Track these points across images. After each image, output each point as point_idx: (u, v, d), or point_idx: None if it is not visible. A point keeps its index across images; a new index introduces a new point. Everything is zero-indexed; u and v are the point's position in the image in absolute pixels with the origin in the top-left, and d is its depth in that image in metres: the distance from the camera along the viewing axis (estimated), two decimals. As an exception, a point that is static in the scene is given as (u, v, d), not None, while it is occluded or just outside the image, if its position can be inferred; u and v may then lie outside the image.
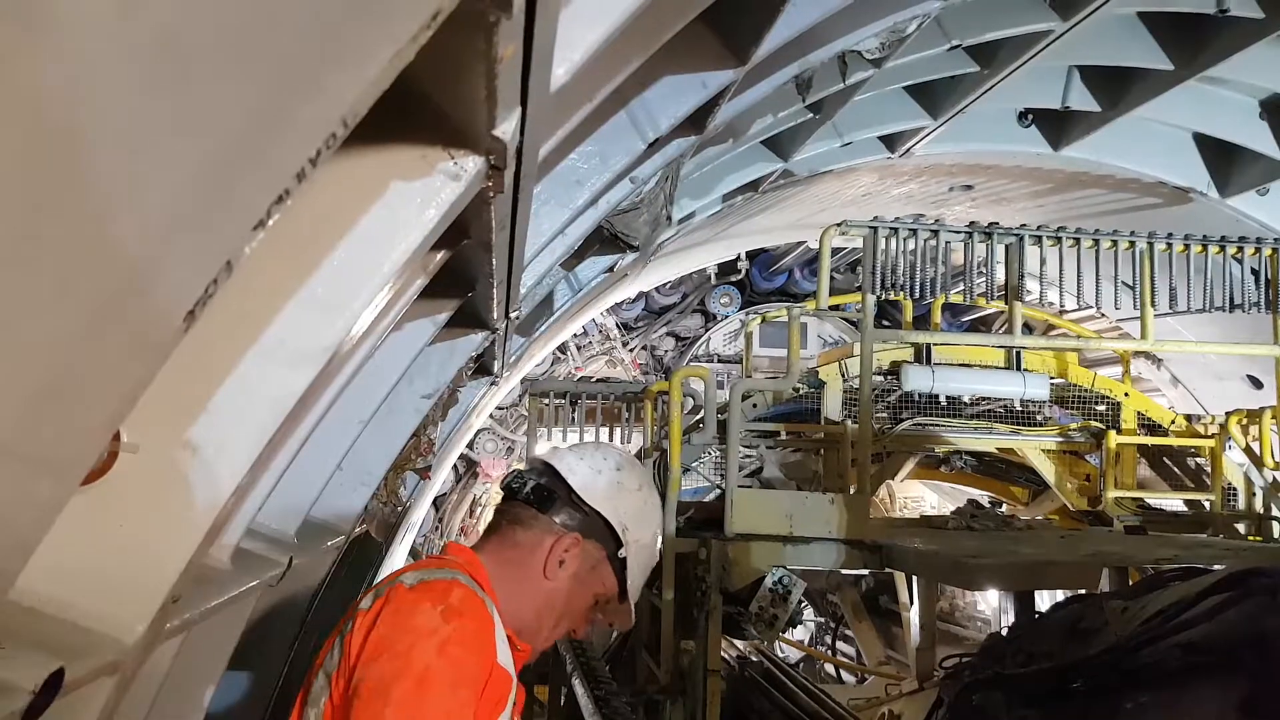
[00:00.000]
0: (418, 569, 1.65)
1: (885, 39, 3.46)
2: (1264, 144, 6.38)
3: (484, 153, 1.28)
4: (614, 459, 1.91)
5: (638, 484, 1.91)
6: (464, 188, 1.29)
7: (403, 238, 1.28)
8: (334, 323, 1.30)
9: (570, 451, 1.92)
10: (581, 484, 1.83)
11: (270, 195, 0.75)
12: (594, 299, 7.38)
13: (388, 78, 0.80)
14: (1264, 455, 5.89)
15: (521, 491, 1.83)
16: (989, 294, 5.61)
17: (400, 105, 1.27)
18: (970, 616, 10.47)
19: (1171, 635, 3.01)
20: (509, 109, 1.19)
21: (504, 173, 1.36)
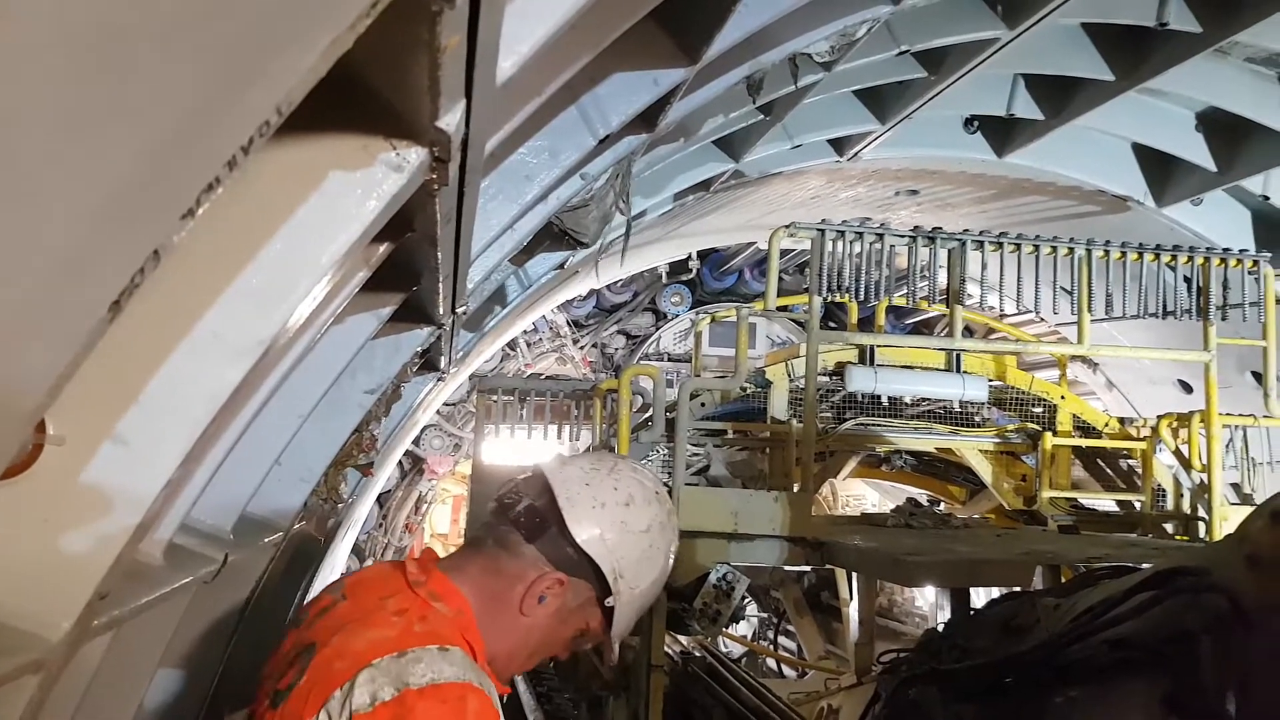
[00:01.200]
0: (412, 641, 1.49)
1: (836, 42, 3.50)
2: (1199, 156, 6.58)
3: (427, 144, 1.26)
4: (625, 489, 1.74)
5: (645, 524, 1.74)
6: (406, 179, 1.27)
7: (342, 229, 1.26)
8: (270, 315, 1.28)
9: (578, 468, 1.74)
10: (577, 519, 1.68)
11: (200, 183, 0.73)
12: (544, 295, 7.36)
13: (325, 65, 0.78)
14: (1192, 458, 6.09)
15: (513, 510, 1.72)
16: (931, 297, 5.71)
17: (342, 94, 1.25)
18: (908, 612, 10.66)
19: (1100, 632, 3.07)
20: (453, 101, 1.18)
21: (448, 165, 1.34)
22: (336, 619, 1.63)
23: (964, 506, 7.91)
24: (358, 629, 1.55)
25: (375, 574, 1.78)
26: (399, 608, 1.59)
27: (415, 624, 1.54)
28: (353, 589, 1.73)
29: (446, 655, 1.49)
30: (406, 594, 1.64)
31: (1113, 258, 5.66)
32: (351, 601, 1.68)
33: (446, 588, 1.66)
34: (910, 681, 3.94)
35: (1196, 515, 6.17)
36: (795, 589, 10.08)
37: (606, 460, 1.83)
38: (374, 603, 1.63)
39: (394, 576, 1.71)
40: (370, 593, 1.67)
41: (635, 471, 1.83)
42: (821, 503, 10.42)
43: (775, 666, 11.16)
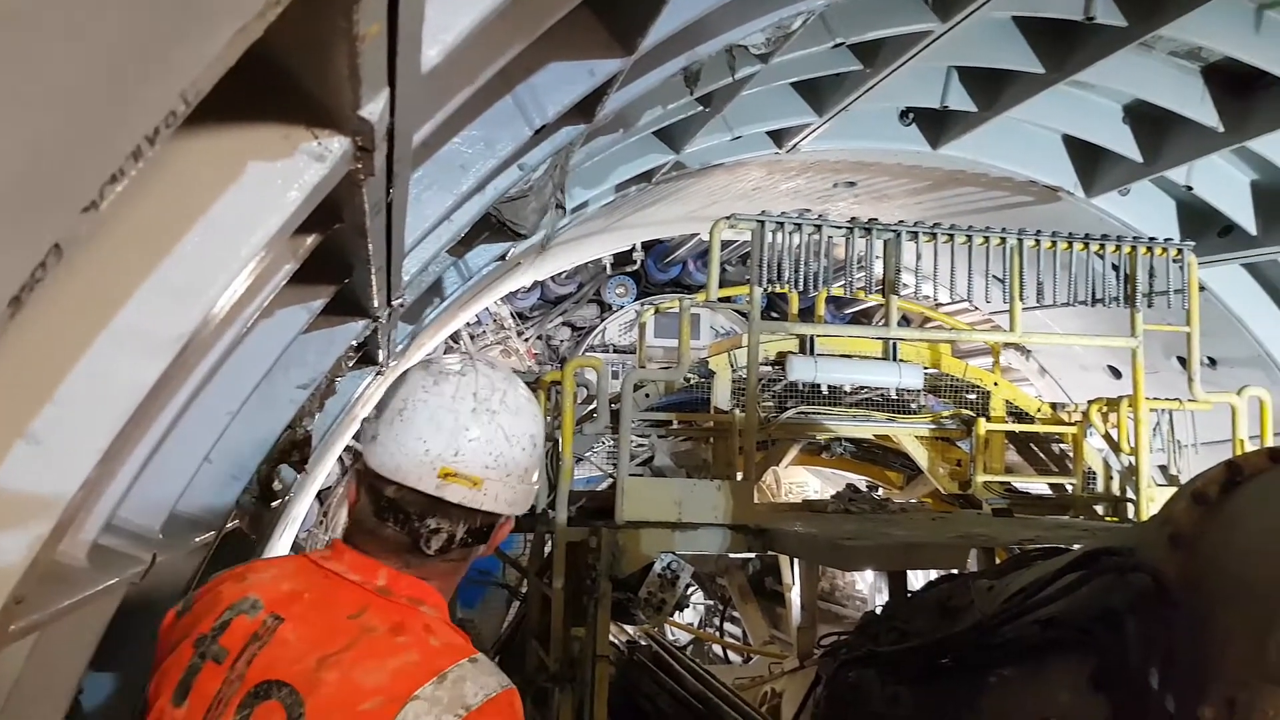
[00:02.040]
0: (442, 661, 1.41)
1: (771, 34, 3.52)
2: (1126, 147, 6.76)
3: (350, 134, 1.25)
4: (522, 432, 1.60)
5: (540, 440, 1.68)
6: (328, 169, 1.25)
7: (262, 220, 1.24)
8: (189, 309, 1.25)
9: (484, 463, 1.55)
10: (524, 500, 1.64)
11: (101, 175, 0.71)
12: (486, 287, 7.30)
13: (233, 54, 0.77)
14: (1121, 441, 6.27)
15: (455, 544, 1.58)
16: (868, 287, 5.80)
17: (263, 83, 1.23)
18: (850, 596, 10.84)
19: (1030, 612, 3.15)
20: (375, 90, 1.16)
21: (373, 155, 1.32)
22: (295, 649, 1.44)
23: (902, 491, 8.06)
24: (362, 660, 1.40)
25: (306, 584, 1.56)
26: (391, 624, 1.46)
27: (429, 639, 1.46)
28: (285, 606, 1.51)
29: (479, 665, 1.45)
30: (384, 605, 1.50)
31: (1043, 247, 5.81)
32: (300, 624, 1.48)
33: (420, 588, 1.56)
34: (849, 664, 4.00)
35: (1125, 497, 6.37)
36: (740, 576, 10.18)
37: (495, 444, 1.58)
38: (342, 622, 1.46)
39: (343, 587, 1.53)
40: (324, 611, 1.49)
41: (513, 421, 1.61)
42: (765, 490, 10.52)
43: (721, 653, 11.27)
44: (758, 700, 6.87)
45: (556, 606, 5.23)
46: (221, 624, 1.53)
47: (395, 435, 1.56)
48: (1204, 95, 6.05)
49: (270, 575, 1.60)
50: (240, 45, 0.76)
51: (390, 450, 1.55)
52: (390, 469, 1.55)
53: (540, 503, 5.46)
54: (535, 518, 5.60)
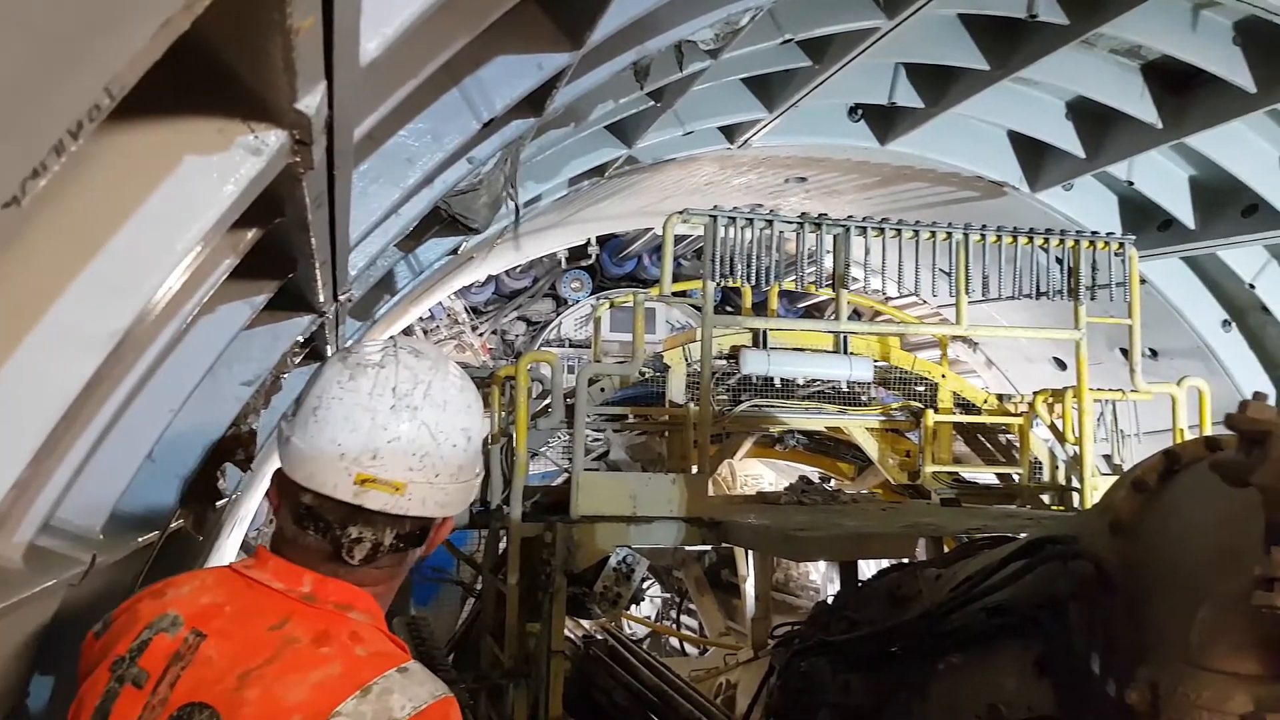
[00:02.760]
0: (367, 672, 1.32)
1: (720, 30, 3.54)
2: (1069, 143, 6.90)
3: (287, 127, 1.23)
4: (453, 427, 1.49)
5: (477, 432, 1.56)
6: (265, 163, 1.23)
7: (198, 214, 1.22)
8: (124, 304, 1.23)
9: (407, 465, 1.43)
10: (459, 498, 1.54)
11: (22, 170, 0.69)
12: (439, 282, 7.25)
13: (159, 46, 0.76)
14: (1066, 431, 6.41)
15: (383, 551, 1.48)
16: (819, 281, 5.86)
17: (199, 77, 1.21)
18: (803, 586, 10.95)
19: (977, 600, 3.20)
20: (312, 82, 1.15)
21: (312, 148, 1.31)
22: (217, 667, 1.35)
23: (853, 482, 8.17)
24: (284, 675, 1.31)
25: (227, 596, 1.45)
26: (314, 634, 1.37)
27: (355, 649, 1.36)
28: (206, 621, 1.41)
29: (409, 675, 1.35)
30: (308, 613, 1.40)
31: (989, 241, 5.91)
32: (221, 639, 1.38)
33: (350, 593, 1.45)
34: (801, 653, 4.03)
35: (1070, 486, 6.51)
36: (696, 568, 10.24)
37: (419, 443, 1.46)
38: (263, 635, 1.37)
39: (266, 596, 1.43)
40: (245, 624, 1.40)
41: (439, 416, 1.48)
42: (721, 483, 10.60)
43: (678, 645, 11.33)
44: (713, 691, 6.92)
45: (511, 602, 5.22)
46: (140, 644, 1.42)
47: (309, 438, 1.43)
48: (1143, 92, 6.20)
49: (190, 589, 1.49)
50: (166, 38, 0.75)
51: (303, 454, 1.43)
52: (304, 475, 1.43)
53: (494, 499, 5.44)
54: (490, 514, 5.58)
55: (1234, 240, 7.01)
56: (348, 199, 1.82)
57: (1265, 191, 6.54)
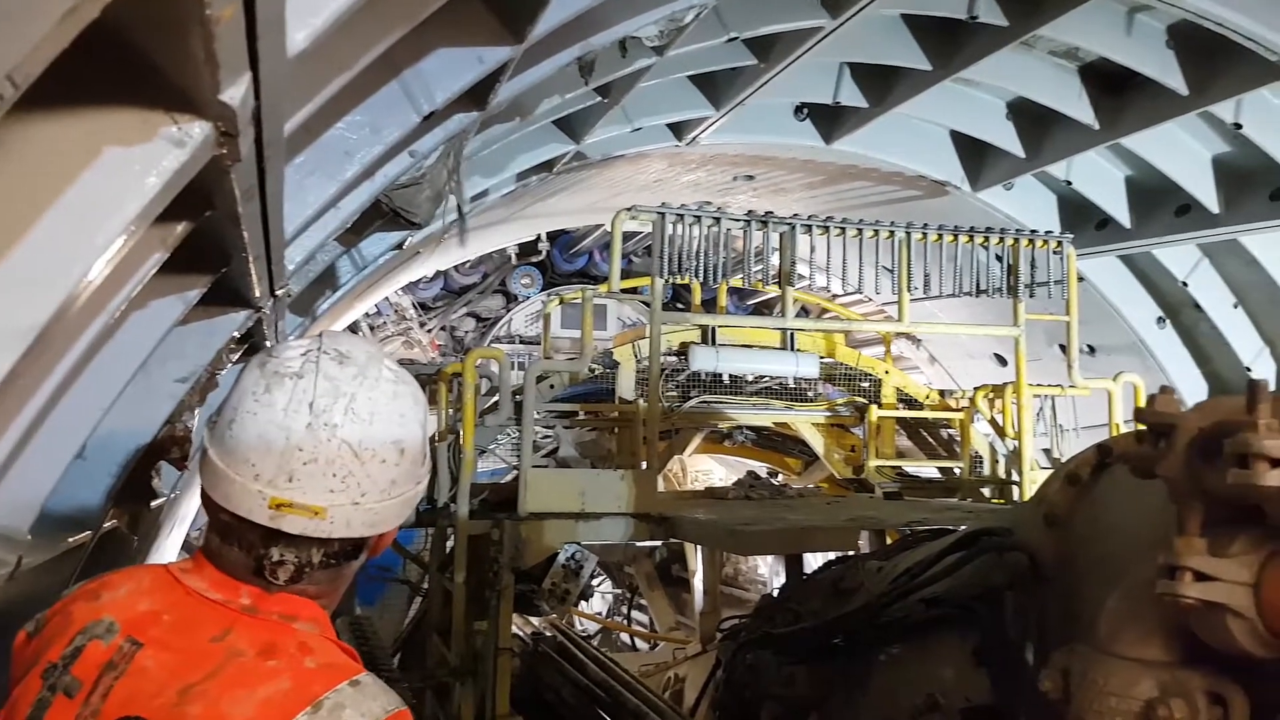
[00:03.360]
0: (318, 686, 1.26)
1: (664, 27, 3.55)
2: (1009, 143, 7.04)
3: (211, 119, 1.21)
4: (381, 441, 1.37)
5: (413, 441, 1.43)
6: (189, 155, 1.21)
7: (119, 207, 1.19)
8: (42, 298, 1.20)
9: (326, 487, 1.33)
10: (394, 512, 1.43)
11: (-82, 157, 0.68)
12: (385, 277, 7.17)
13: (66, 35, 0.74)
14: (1006, 426, 6.54)
15: (314, 569, 1.39)
16: (765, 278, 5.91)
17: (120, 67, 1.18)
18: (752, 580, 11.06)
19: (916, 591, 3.26)
20: (235, 74, 1.13)
21: (238, 140, 1.29)
22: (155, 679, 1.27)
23: (799, 477, 8.27)
24: (229, 690, 1.25)
25: (165, 603, 1.38)
26: (260, 646, 1.30)
27: (305, 661, 1.30)
28: (143, 628, 1.34)
29: (362, 688, 1.29)
30: (252, 624, 1.33)
31: (930, 240, 6.01)
32: (159, 650, 1.31)
33: (292, 603, 1.37)
34: (747, 646, 4.06)
35: (1010, 480, 6.65)
36: (647, 564, 10.27)
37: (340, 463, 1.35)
38: (205, 646, 1.30)
39: (205, 605, 1.36)
40: (185, 634, 1.32)
41: (362, 432, 1.36)
42: (671, 479, 10.64)
43: (629, 641, 11.36)
44: (661, 686, 6.95)
45: (458, 601, 5.19)
46: (73, 650, 1.34)
47: (224, 454, 1.34)
48: (1081, 94, 6.35)
49: (126, 592, 1.40)
50: (73, 27, 0.73)
51: (218, 473, 1.34)
52: (220, 495, 1.34)
53: (442, 496, 5.41)
54: (437, 512, 5.54)
55: (1167, 239, 7.22)
56: (280, 192, 1.79)
57: (1197, 192, 6.74)
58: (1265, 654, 1.13)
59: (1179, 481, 1.18)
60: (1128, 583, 1.41)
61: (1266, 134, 6.09)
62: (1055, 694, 1.39)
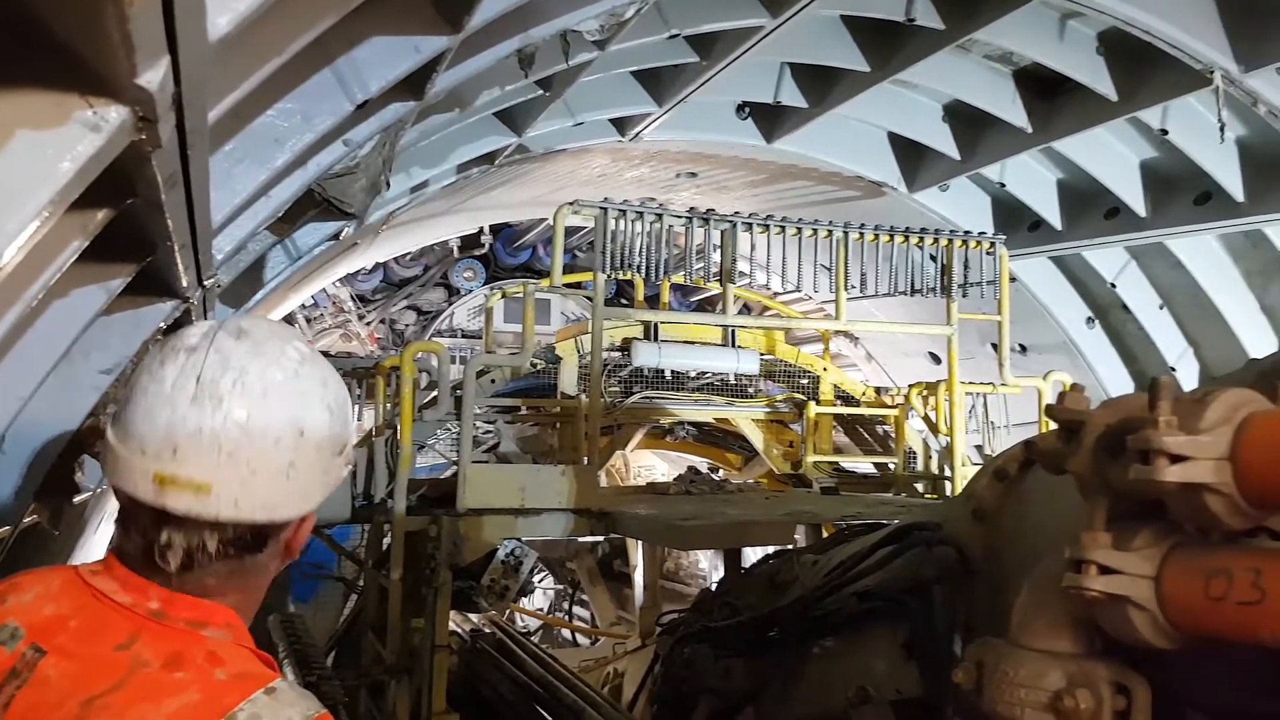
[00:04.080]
0: (231, 697, 1.20)
1: (605, 21, 3.54)
2: (945, 145, 7.17)
3: (129, 103, 1.18)
4: (273, 419, 1.30)
5: (315, 424, 1.36)
6: (105, 140, 1.18)
7: (31, 192, 1.16)
8: (-53, 285, 1.16)
9: (212, 462, 1.26)
10: (295, 498, 1.35)
11: None
12: (321, 268, 7.05)
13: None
14: (939, 423, 6.68)
15: (210, 555, 1.31)
16: (706, 275, 5.95)
17: (32, 49, 1.15)
18: (693, 574, 11.14)
19: (849, 585, 3.31)
20: (153, 57, 1.10)
21: (158, 126, 1.26)
22: (57, 689, 1.22)
23: (740, 472, 8.34)
24: (134, 703, 1.19)
25: (72, 607, 1.31)
26: (166, 656, 1.24)
27: (214, 673, 1.23)
28: (48, 635, 1.28)
29: (278, 696, 1.23)
30: (158, 632, 1.27)
31: (867, 239, 6.10)
32: (62, 658, 1.25)
33: (202, 609, 1.31)
34: (684, 640, 4.09)
35: (943, 475, 6.79)
36: (589, 559, 10.29)
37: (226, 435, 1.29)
38: (110, 655, 1.23)
39: (113, 610, 1.29)
40: (90, 642, 1.26)
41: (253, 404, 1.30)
42: (614, 474, 10.66)
43: (570, 636, 11.35)
44: (601, 681, 6.97)
45: (394, 598, 5.13)
46: None
47: (117, 433, 1.29)
48: (1015, 97, 6.49)
49: (33, 595, 1.33)
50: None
51: (111, 450, 1.29)
52: (110, 472, 1.29)
53: (379, 492, 5.34)
54: (373, 508, 5.47)
55: (1097, 241, 7.42)
56: (206, 180, 1.75)
57: (1125, 195, 6.94)
58: (1166, 645, 1.17)
59: (1087, 477, 1.22)
60: (1036, 576, 1.45)
61: (1191, 140, 6.29)
62: (968, 685, 1.42)
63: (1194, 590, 1.08)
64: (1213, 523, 1.06)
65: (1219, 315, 7.27)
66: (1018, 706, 1.29)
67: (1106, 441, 1.17)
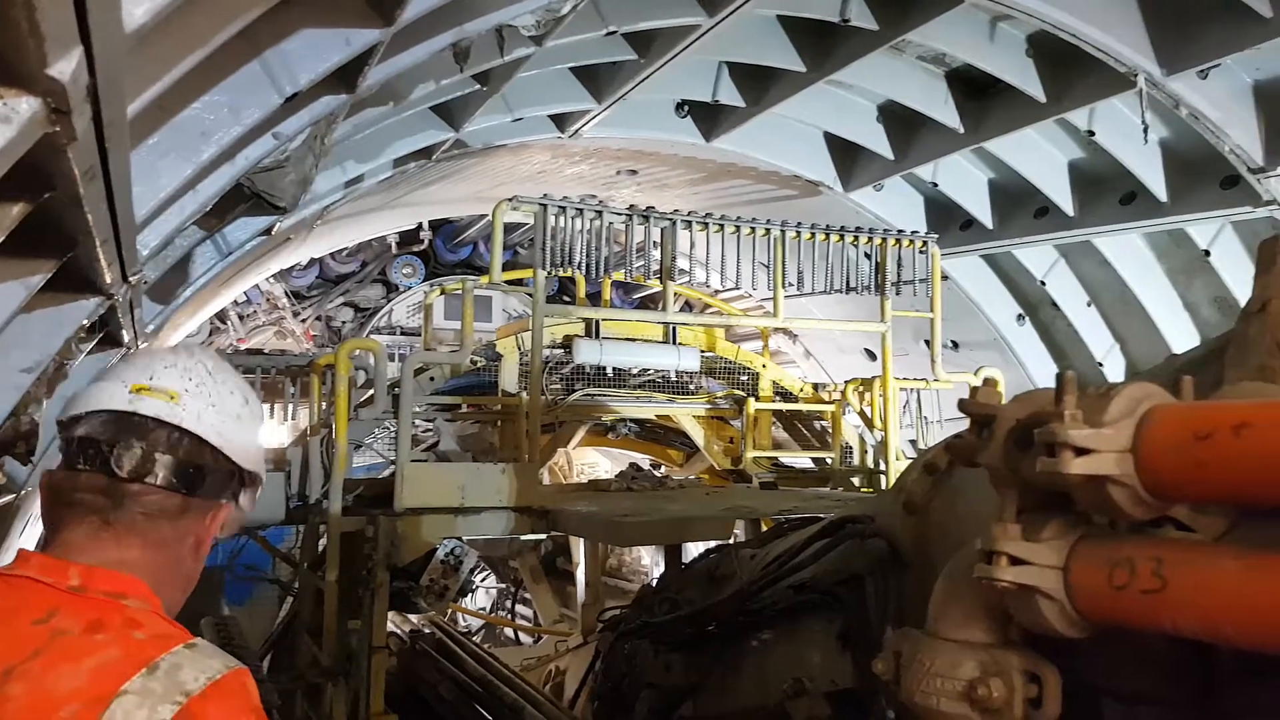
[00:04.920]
0: (151, 651, 1.25)
1: (541, 17, 3.53)
2: (880, 145, 7.28)
3: (40, 94, 1.15)
4: (230, 381, 1.57)
5: (255, 404, 1.63)
6: (16, 132, 1.14)
7: (-64, 184, 1.12)
8: None
9: (206, 403, 1.49)
10: (237, 448, 1.52)
11: None
12: (253, 264, 6.90)
13: None
14: (874, 418, 6.79)
15: (157, 475, 1.42)
16: (646, 273, 5.97)
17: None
18: (635, 570, 11.16)
19: (785, 578, 3.35)
20: (64, 48, 1.07)
21: (72, 117, 1.22)
22: None
23: (681, 468, 8.39)
24: (54, 665, 1.23)
25: None
26: (86, 623, 1.28)
27: (133, 633, 1.29)
28: None
29: (198, 649, 1.30)
30: (77, 603, 1.32)
31: (804, 238, 6.18)
32: None
33: (122, 581, 1.37)
34: (625, 636, 4.10)
35: (878, 469, 6.91)
36: (532, 557, 10.24)
37: (182, 354, 1.59)
38: (27, 629, 1.28)
39: (31, 591, 1.33)
40: (7, 621, 1.30)
41: (218, 362, 1.62)
42: (558, 472, 10.64)
43: (513, 635, 11.30)
44: (542, 679, 6.94)
45: (330, 599, 5.05)
46: None
47: (92, 386, 1.51)
48: (947, 98, 6.62)
49: None
50: None
51: (83, 395, 1.49)
52: (80, 406, 1.46)
53: (314, 493, 5.25)
54: (308, 508, 5.38)
55: (1027, 240, 7.60)
56: (127, 173, 1.71)
57: (1054, 195, 7.12)
58: (1074, 634, 1.20)
59: (998, 470, 1.26)
60: (951, 568, 1.49)
61: (1116, 142, 6.46)
62: (887, 676, 1.45)
63: (1099, 580, 1.12)
64: (1116, 513, 1.10)
65: (1144, 312, 7.50)
66: (933, 696, 1.32)
67: (1016, 435, 1.21)
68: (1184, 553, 1.09)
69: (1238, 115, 5.82)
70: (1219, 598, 1.01)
